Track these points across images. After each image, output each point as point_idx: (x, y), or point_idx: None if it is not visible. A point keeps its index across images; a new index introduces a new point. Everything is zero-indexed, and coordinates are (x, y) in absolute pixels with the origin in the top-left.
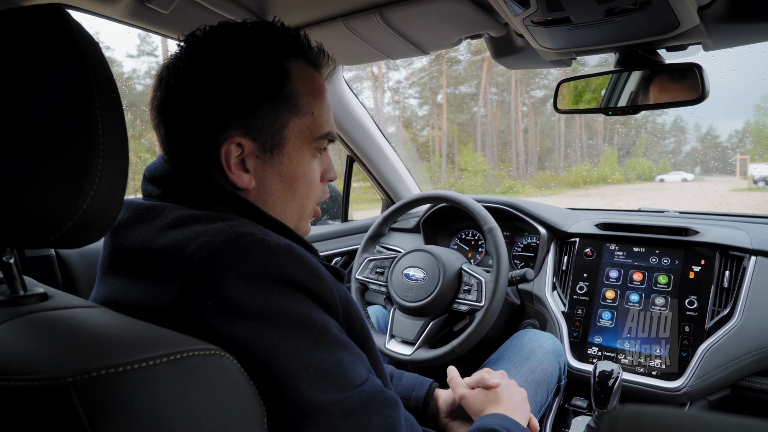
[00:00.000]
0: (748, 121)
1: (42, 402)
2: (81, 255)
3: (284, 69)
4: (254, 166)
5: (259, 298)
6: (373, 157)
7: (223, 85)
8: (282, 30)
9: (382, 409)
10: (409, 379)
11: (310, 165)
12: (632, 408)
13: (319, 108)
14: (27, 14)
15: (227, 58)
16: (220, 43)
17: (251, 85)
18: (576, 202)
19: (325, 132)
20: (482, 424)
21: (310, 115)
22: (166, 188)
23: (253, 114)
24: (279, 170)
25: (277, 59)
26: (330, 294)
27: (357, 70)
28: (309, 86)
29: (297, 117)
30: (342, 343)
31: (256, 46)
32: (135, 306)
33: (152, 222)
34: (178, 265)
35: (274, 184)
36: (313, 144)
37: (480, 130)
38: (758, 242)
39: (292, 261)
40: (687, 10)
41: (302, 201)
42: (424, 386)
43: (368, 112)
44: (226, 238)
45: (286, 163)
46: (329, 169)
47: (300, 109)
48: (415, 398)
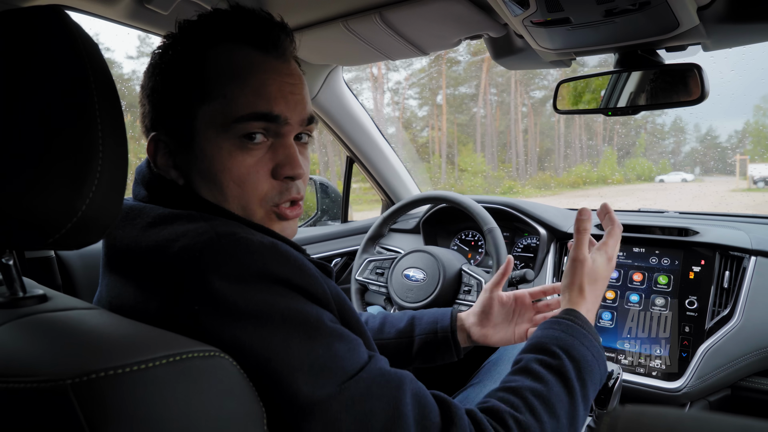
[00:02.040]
0: (748, 121)
1: (41, 404)
2: (81, 256)
3: (202, 55)
4: (180, 162)
5: (247, 297)
6: (373, 157)
7: (153, 83)
8: (215, 15)
9: (384, 392)
10: (430, 314)
11: (232, 159)
12: (632, 408)
13: (234, 88)
14: (27, 15)
15: (160, 55)
16: (164, 43)
17: (170, 80)
18: (576, 203)
19: (243, 113)
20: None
21: (222, 97)
22: (149, 189)
23: (170, 107)
24: (198, 166)
25: (197, 47)
26: (320, 288)
27: (356, 71)
28: (229, 67)
29: (206, 103)
30: (336, 334)
31: (182, 38)
32: (128, 309)
33: (134, 221)
34: (163, 269)
35: (198, 180)
36: (229, 131)
37: (480, 130)
38: (758, 242)
39: (277, 258)
40: (686, 11)
41: (239, 201)
42: (446, 315)
43: (368, 113)
44: (208, 239)
45: (201, 157)
46: (284, 163)
47: (208, 93)
48: (441, 329)
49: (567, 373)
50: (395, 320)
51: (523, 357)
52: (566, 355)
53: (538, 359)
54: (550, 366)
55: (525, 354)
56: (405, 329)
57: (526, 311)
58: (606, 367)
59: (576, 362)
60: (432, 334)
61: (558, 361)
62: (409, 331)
